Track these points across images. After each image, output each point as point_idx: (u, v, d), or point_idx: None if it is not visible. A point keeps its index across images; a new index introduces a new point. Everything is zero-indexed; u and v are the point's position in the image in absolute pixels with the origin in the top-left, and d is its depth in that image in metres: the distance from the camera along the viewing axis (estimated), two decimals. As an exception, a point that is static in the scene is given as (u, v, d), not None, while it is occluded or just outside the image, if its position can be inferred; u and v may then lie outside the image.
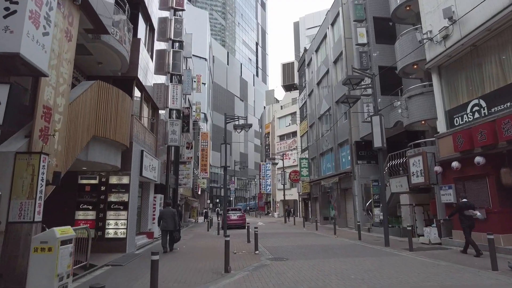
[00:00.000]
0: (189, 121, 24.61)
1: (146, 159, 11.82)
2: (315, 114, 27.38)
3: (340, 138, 21.68)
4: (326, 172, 24.83)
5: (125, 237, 9.94)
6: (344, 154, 21.53)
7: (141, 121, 12.06)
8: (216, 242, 13.55)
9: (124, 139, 9.29)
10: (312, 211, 28.29)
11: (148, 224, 13.58)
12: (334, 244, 12.76)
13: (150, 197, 13.91)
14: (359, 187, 19.07)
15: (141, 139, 11.89)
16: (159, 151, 15.21)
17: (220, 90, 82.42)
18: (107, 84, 8.51)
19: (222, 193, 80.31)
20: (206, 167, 34.87)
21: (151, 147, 13.44)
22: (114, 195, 10.17)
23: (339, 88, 22.12)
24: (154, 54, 15.48)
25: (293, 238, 15.62)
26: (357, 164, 19.32)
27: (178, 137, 16.26)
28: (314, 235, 17.28)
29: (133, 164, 10.52)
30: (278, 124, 48.54)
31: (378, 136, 12.36)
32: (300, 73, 34.03)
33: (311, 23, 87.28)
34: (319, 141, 26.25)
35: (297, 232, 19.52)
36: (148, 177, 12.12)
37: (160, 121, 15.42)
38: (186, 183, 20.94)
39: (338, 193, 22.07)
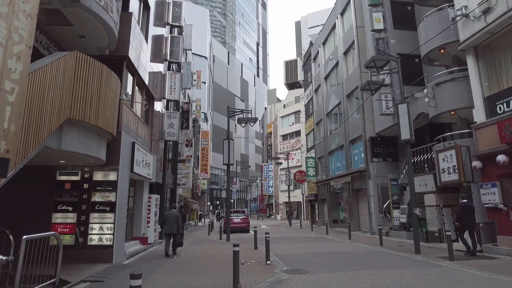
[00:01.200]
0: (189, 117, 23.02)
1: (138, 153, 10.20)
2: (322, 110, 25.78)
3: (352, 135, 20.07)
4: (335, 171, 23.20)
5: (111, 244, 8.30)
6: (356, 151, 19.92)
7: (133, 109, 10.44)
8: (219, 249, 11.90)
9: (110, 126, 7.67)
10: (319, 214, 26.64)
11: (141, 228, 11.95)
12: (355, 251, 11.12)
13: (144, 197, 12.28)
14: (375, 187, 17.44)
15: (133, 129, 10.28)
16: (155, 146, 13.60)
17: (220, 90, 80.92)
18: (87, 57, 6.90)
19: (223, 195, 78.58)
20: (207, 167, 33.24)
21: (145, 140, 11.83)
22: (99, 194, 8.54)
23: (351, 80, 20.55)
24: (150, 40, 13.91)
25: (305, 243, 13.98)
26: (372, 162, 17.70)
27: (176, 131, 14.65)
28: (326, 239, 15.64)
29: (122, 157, 8.90)
30: (281, 123, 46.98)
31: (406, 127, 10.75)
32: (305, 69, 32.47)
33: (313, 22, 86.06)
34: (327, 139, 24.63)
35: (306, 236, 17.87)
36: (141, 174, 10.50)
37: (156, 113, 13.82)
38: (185, 183, 19.32)
39: (350, 194, 20.44)
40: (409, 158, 10.96)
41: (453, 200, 13.11)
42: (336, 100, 22.98)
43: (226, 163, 15.62)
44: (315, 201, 27.38)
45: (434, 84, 12.46)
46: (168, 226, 9.95)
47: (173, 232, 10.01)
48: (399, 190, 15.73)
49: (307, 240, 15.33)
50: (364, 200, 19.17)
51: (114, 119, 8.03)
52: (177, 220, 10.11)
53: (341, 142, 21.66)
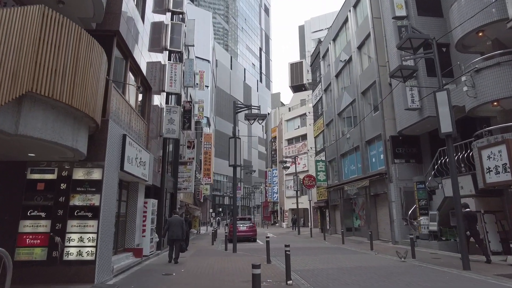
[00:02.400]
0: (191, 117, 21.44)
1: (131, 148, 8.57)
2: (333, 110, 24.14)
3: (369, 134, 18.38)
4: (349, 175, 21.45)
5: (93, 259, 6.61)
6: (374, 153, 18.21)
7: (125, 97, 8.83)
8: (226, 262, 10.16)
9: (91, 110, 6.05)
10: (330, 221, 24.81)
11: (136, 238, 10.24)
12: (387, 266, 9.36)
13: (139, 202, 10.60)
14: (397, 192, 15.68)
15: (125, 121, 8.66)
16: (152, 144, 11.97)
17: (223, 95, 79.68)
18: (58, 15, 5.30)
19: (226, 201, 76.67)
20: (210, 172, 31.54)
21: (140, 135, 10.20)
22: (80, 196, 6.88)
23: (366, 76, 18.95)
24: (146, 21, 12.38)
25: (323, 255, 12.22)
26: (394, 163, 15.97)
27: (176, 128, 13.03)
28: (345, 250, 13.86)
29: (109, 152, 7.26)
30: (286, 127, 45.33)
31: (447, 118, 9.07)
32: (313, 68, 30.95)
33: (317, 27, 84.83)
34: (339, 140, 22.94)
35: (320, 246, 16.09)
36: (134, 174, 8.85)
37: (154, 107, 12.21)
38: (186, 188, 17.64)
39: (367, 200, 18.66)
40: (451, 155, 9.25)
41: (496, 205, 11.39)
42: (349, 99, 21.35)
43: (233, 164, 13.96)
44: (326, 207, 25.57)
45: (473, 70, 10.80)
46: (172, 231, 9.91)
47: (177, 237, 9.95)
48: (426, 194, 13.99)
49: (324, 251, 13.56)
50: (384, 206, 17.39)
51: (98, 103, 6.40)
52: (182, 225, 10.07)
53: (356, 143, 19.96)
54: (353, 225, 21.88)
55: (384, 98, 16.50)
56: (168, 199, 16.00)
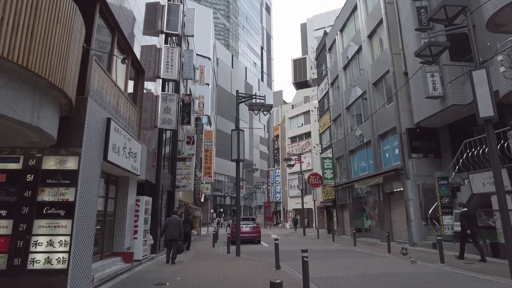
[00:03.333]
0: (190, 110, 20.16)
1: (117, 136, 7.28)
2: (341, 104, 22.83)
3: (382, 128, 17.06)
4: (359, 172, 20.13)
5: (65, 267, 5.33)
6: (387, 147, 16.89)
7: (111, 75, 7.55)
8: (229, 269, 8.86)
9: (61, 81, 4.77)
10: (338, 222, 23.48)
11: (126, 241, 8.94)
12: (415, 272, 8.04)
13: (130, 199, 9.31)
14: (415, 189, 14.37)
15: (110, 103, 7.37)
16: (146, 135, 10.68)
17: (224, 94, 78.47)
18: None
19: (227, 202, 75.30)
20: (210, 171, 30.24)
21: (130, 123, 8.92)
22: (50, 190, 5.60)
23: (378, 65, 17.65)
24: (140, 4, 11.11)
25: (338, 259, 10.91)
26: (411, 158, 14.66)
27: (173, 118, 11.74)
28: (361, 253, 12.54)
29: (87, 136, 5.98)
30: (289, 125, 44.03)
31: (486, 100, 7.75)
32: (318, 62, 29.65)
33: (319, 24, 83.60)
34: (348, 136, 21.62)
35: (331, 249, 14.77)
36: (121, 166, 7.55)
37: (148, 94, 10.93)
38: (185, 186, 16.34)
39: (379, 198, 17.33)
40: (493, 143, 7.93)
41: (536, 202, 10.05)
42: (359, 91, 20.04)
43: (235, 158, 12.68)
44: (333, 207, 24.25)
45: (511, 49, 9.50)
46: (170, 231, 9.69)
47: (175, 237, 9.70)
48: (449, 191, 12.66)
49: (336, 255, 12.24)
50: (399, 204, 16.08)
51: (70, 74, 5.12)
52: (179, 226, 9.86)
53: (368, 137, 18.65)
54: (363, 225, 20.56)
55: (401, 88, 15.20)
56: (165, 197, 14.71)
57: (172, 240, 9.72)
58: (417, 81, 13.84)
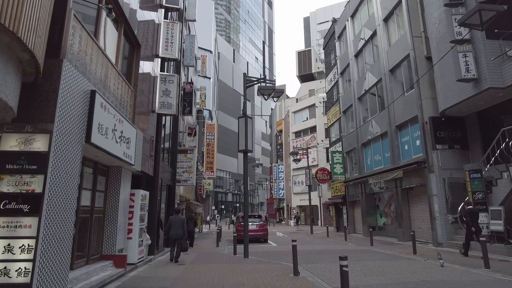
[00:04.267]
0: (192, 100, 18.79)
1: (105, 114, 5.94)
2: (352, 94, 21.43)
3: (401, 118, 15.68)
4: (373, 167, 18.77)
5: (28, 281, 3.99)
6: (407, 139, 15.51)
7: (99, 42, 6.17)
8: (239, 275, 7.53)
9: (15, 23, 3.40)
10: (348, 219, 22.15)
11: (117, 242, 7.61)
12: (461, 281, 6.70)
13: (123, 193, 7.97)
14: (440, 183, 13.02)
15: (96, 74, 6.01)
16: (142, 120, 9.33)
17: (225, 88, 77.03)
18: None
19: (228, 198, 74.07)
20: (213, 165, 28.88)
21: (123, 103, 7.56)
22: (10, 178, 4.26)
23: (396, 50, 16.25)
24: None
25: (360, 262, 9.57)
26: (436, 149, 13.30)
27: (173, 102, 10.36)
28: (382, 255, 11.21)
29: (62, 111, 4.64)
30: (293, 119, 42.63)
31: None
32: (326, 51, 28.19)
33: (322, 18, 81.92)
34: (360, 128, 20.24)
35: (347, 249, 13.45)
36: (109, 152, 6.20)
37: (144, 75, 9.56)
38: (187, 180, 15.02)
39: (398, 194, 15.97)
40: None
41: None
42: (373, 79, 18.64)
43: (243, 149, 11.32)
44: (343, 204, 22.91)
45: None
46: (174, 230, 9.45)
47: (178, 236, 9.48)
48: (483, 185, 11.30)
49: (357, 256, 10.91)
50: (420, 200, 14.74)
51: (32, 20, 3.75)
52: (183, 225, 9.62)
53: (384, 128, 17.26)
54: (376, 223, 19.23)
55: (426, 73, 13.80)
56: (165, 192, 13.38)
57: (176, 239, 9.50)
58: (444, 65, 12.45)
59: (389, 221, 17.86)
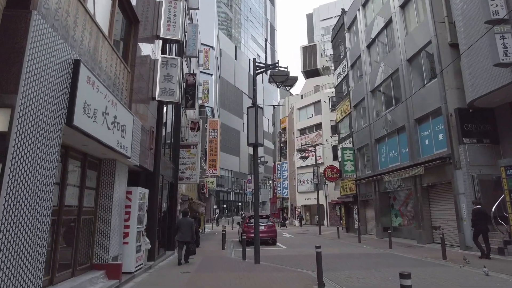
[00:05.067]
0: (195, 92, 17.64)
1: (93, 92, 4.80)
2: (364, 87, 20.27)
3: (420, 111, 14.52)
4: (389, 163, 17.61)
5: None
6: (427, 133, 14.35)
7: (86, 4, 5.02)
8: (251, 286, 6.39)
9: None
10: (360, 219, 21.00)
11: (111, 247, 6.47)
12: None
13: (118, 191, 6.83)
14: (468, 180, 11.85)
15: (83, 43, 4.87)
16: (141, 109, 8.19)
17: (227, 86, 75.86)
18: None
19: (230, 197, 72.95)
20: (216, 163, 27.74)
21: (117, 84, 6.42)
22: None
23: (415, 38, 15.09)
24: None
25: (389, 269, 8.42)
26: (462, 144, 12.14)
27: (176, 88, 9.21)
28: (407, 260, 10.06)
29: (30, 78, 3.48)
30: (298, 116, 41.44)
31: None
32: (335, 43, 27.01)
33: (326, 14, 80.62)
34: (374, 123, 19.06)
35: (366, 252, 12.30)
36: (99, 139, 5.07)
37: (144, 58, 8.41)
38: (190, 177, 13.89)
39: (417, 193, 14.82)
40: None
41: None
42: (388, 70, 17.47)
43: (253, 142, 10.19)
44: (353, 203, 21.76)
45: None
46: (182, 233, 9.39)
47: (187, 239, 9.37)
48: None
49: (380, 262, 9.77)
50: (443, 199, 13.58)
51: None
52: (191, 227, 9.53)
53: (401, 122, 16.09)
54: (391, 224, 18.08)
55: (454, 60, 12.64)
56: (167, 190, 12.27)
57: (185, 241, 9.36)
58: (473, 50, 11.27)
59: (406, 221, 16.72)
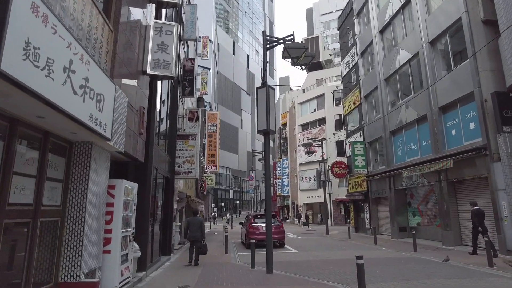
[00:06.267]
0: (193, 79, 15.98)
1: (48, 34, 3.17)
2: (377, 75, 18.69)
3: (446, 97, 12.96)
4: (406, 157, 16.05)
5: None
6: (454, 122, 12.79)
7: None
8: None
9: None
10: (371, 218, 19.46)
11: (84, 260, 4.82)
12: None
13: (94, 184, 5.18)
14: (509, 174, 10.31)
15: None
16: (127, 84, 6.53)
17: (225, 82, 74.08)
18: None
19: (229, 196, 71.29)
20: (215, 159, 26.06)
21: (92, 38, 4.77)
22: None
23: (440, 17, 13.50)
24: None
25: (435, 280, 6.86)
26: (502, 132, 10.59)
27: (172, 60, 7.55)
28: (447, 267, 8.49)
29: None
30: (299, 111, 39.83)
31: None
32: (342, 31, 25.39)
33: (326, 9, 78.99)
34: (389, 114, 17.49)
35: (390, 257, 10.74)
36: (58, 106, 3.40)
37: (134, 24, 6.75)
38: (189, 171, 12.26)
39: (443, 189, 13.27)
40: None
41: None
42: (405, 55, 15.90)
43: (264, 128, 8.57)
44: (364, 201, 20.21)
45: None
46: (191, 232, 9.40)
47: (196, 239, 9.35)
48: None
49: (416, 270, 8.20)
50: (473, 196, 12.02)
51: None
52: (201, 226, 9.51)
53: (422, 112, 14.54)
54: (408, 223, 16.57)
55: (494, 39, 11.09)
56: (162, 186, 10.63)
57: (194, 241, 9.35)
58: (517, 23, 9.72)
59: (426, 221, 15.20)
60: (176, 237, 13.48)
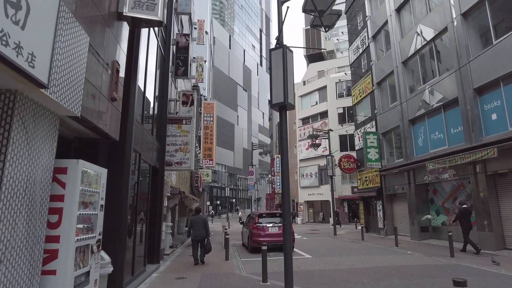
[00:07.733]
0: (187, 58, 13.92)
1: None
2: (394, 58, 16.78)
3: (484, 77, 11.08)
4: (430, 148, 14.17)
5: None
6: (495, 104, 10.89)
7: None
8: None
9: None
10: (386, 216, 17.57)
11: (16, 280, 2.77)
12: None
13: (22, 164, 3.14)
14: None
15: None
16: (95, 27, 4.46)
17: (221, 76, 71.89)
18: None
19: (225, 193, 69.18)
20: (212, 153, 23.96)
21: None
22: None
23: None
24: None
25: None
26: None
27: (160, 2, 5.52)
28: (507, 279, 6.61)
29: None
30: (300, 104, 37.89)
31: None
32: (350, 14, 23.45)
33: (324, 2, 77.05)
34: (408, 101, 15.59)
35: (428, 264, 8.82)
36: None
37: None
38: (182, 161, 10.23)
39: (479, 183, 11.39)
40: None
41: None
42: (429, 33, 14.00)
43: (281, 101, 6.57)
44: (377, 198, 18.31)
45: None
46: (196, 231, 9.17)
47: (201, 237, 9.12)
48: None
49: (471, 283, 6.30)
50: (523, 193, 10.20)
51: None
52: (205, 224, 9.30)
53: (450, 95, 12.66)
54: (430, 223, 14.72)
55: None
56: (148, 178, 8.61)
57: (199, 240, 9.08)
58: None
59: (451, 220, 13.33)
60: (167, 239, 11.45)
